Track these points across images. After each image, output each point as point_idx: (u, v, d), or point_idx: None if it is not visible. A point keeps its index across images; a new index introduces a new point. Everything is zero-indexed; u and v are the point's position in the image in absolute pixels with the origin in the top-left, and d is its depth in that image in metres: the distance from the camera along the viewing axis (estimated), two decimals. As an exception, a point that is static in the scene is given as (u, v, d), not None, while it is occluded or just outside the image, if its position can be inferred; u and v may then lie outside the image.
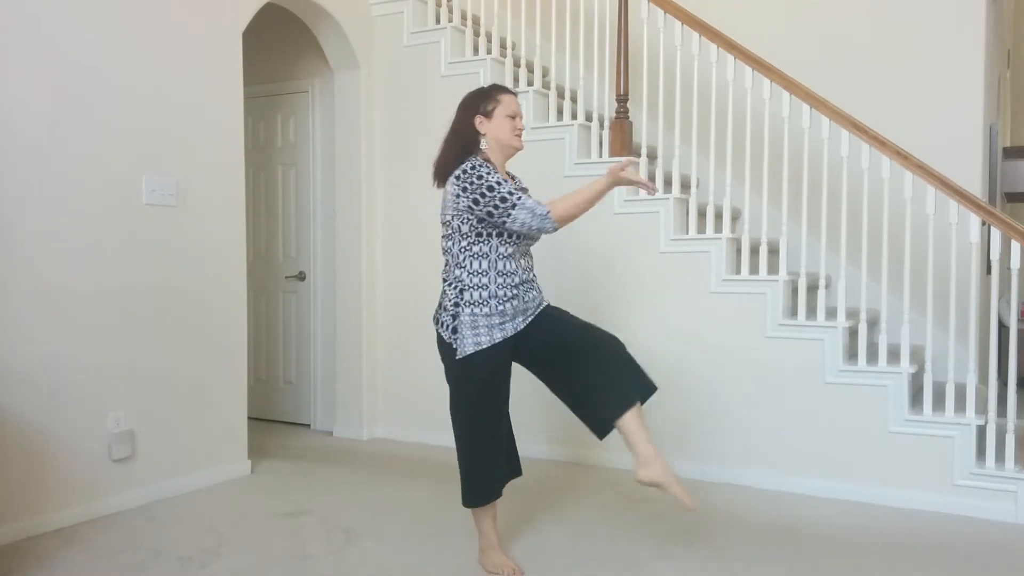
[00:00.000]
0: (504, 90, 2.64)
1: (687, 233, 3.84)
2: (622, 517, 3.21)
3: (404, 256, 4.58)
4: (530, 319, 2.63)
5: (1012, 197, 6.60)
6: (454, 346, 2.55)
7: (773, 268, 4.15)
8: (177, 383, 3.52)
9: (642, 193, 3.72)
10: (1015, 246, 3.17)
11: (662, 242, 3.84)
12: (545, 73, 4.81)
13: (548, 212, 2.48)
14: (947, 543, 2.95)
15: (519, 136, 2.63)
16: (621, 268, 3.94)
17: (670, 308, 3.83)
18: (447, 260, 2.61)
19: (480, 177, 2.47)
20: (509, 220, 2.47)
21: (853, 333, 3.69)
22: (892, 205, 4.12)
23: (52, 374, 3.05)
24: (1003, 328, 5.63)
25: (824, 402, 3.51)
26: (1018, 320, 3.63)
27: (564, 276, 4.09)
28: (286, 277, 5.02)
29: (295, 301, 5.00)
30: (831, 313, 3.73)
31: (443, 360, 2.63)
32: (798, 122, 4.29)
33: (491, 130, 2.59)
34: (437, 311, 2.63)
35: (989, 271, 4.63)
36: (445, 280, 2.62)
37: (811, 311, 3.93)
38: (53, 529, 3.04)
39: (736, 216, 4.51)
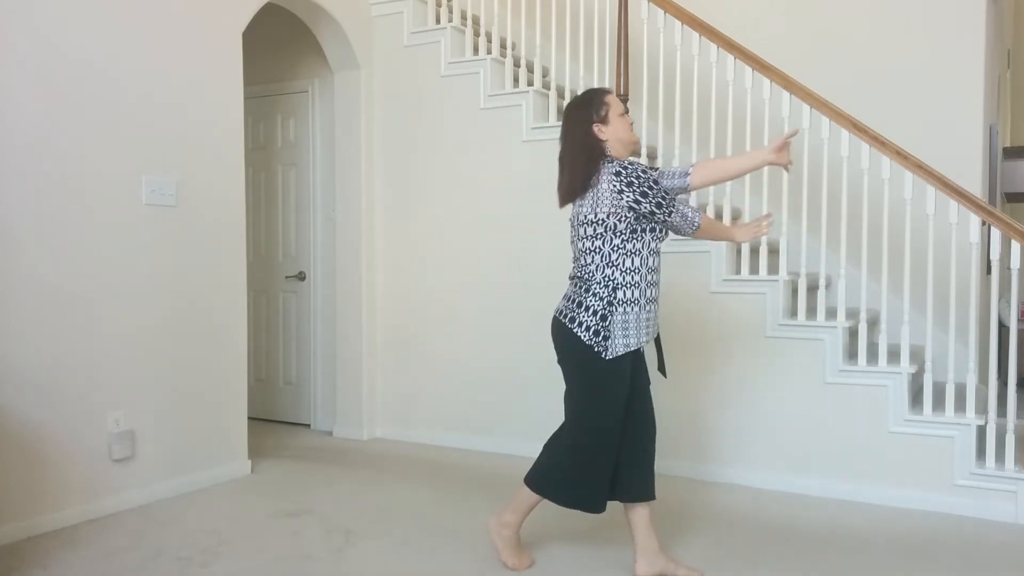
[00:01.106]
0: (606, 91, 2.64)
1: (687, 233, 3.83)
2: (622, 518, 3.21)
3: (404, 256, 4.57)
4: (653, 338, 2.65)
5: (1012, 197, 6.59)
6: (596, 348, 2.49)
7: (773, 268, 4.15)
8: (177, 383, 3.52)
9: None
10: (1015, 246, 3.17)
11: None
12: (545, 73, 4.81)
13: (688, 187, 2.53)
14: (947, 543, 2.95)
15: (632, 130, 2.65)
16: (621, 268, 3.94)
17: (670, 308, 3.83)
18: (591, 260, 2.53)
19: (644, 172, 2.48)
20: (674, 211, 2.52)
21: (853, 333, 3.69)
22: (892, 205, 4.11)
23: (52, 374, 3.05)
24: (1003, 328, 5.63)
25: (824, 402, 3.51)
26: (1018, 320, 3.63)
27: (562, 277, 4.09)
28: (286, 277, 5.02)
29: (295, 301, 5.00)
30: (831, 313, 3.73)
31: (575, 362, 2.55)
32: (798, 122, 4.28)
33: (612, 133, 2.58)
34: (571, 310, 2.54)
35: (989, 271, 4.63)
36: (591, 279, 2.53)
37: (811, 311, 3.93)
38: (53, 529, 3.04)
39: (736, 216, 4.50)
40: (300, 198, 4.96)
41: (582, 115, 2.59)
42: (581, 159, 2.56)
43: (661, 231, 2.56)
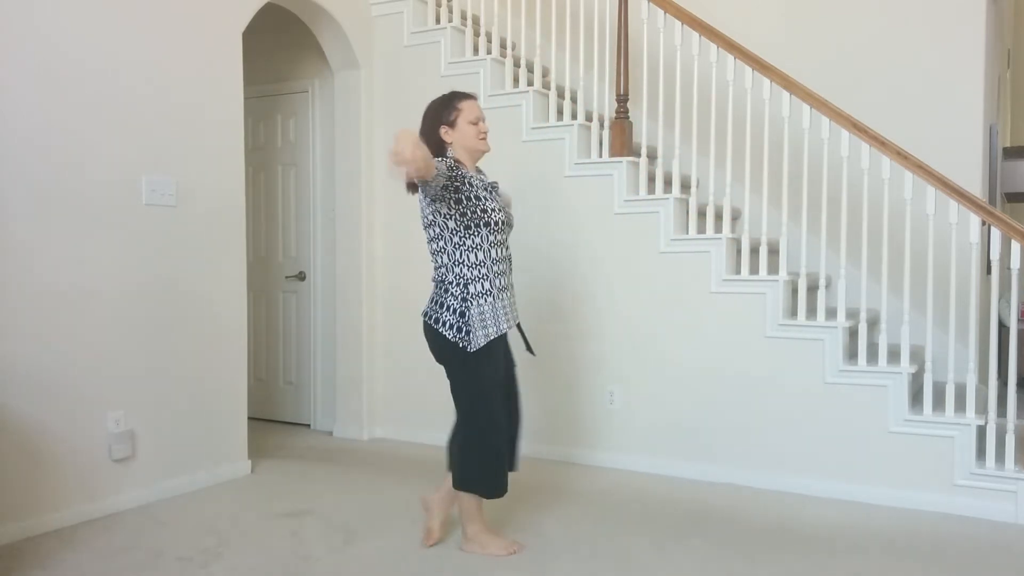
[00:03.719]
0: (464, 96, 2.73)
1: (687, 233, 3.84)
2: (621, 516, 3.21)
3: (404, 256, 4.57)
4: (514, 326, 2.78)
5: (1012, 197, 6.59)
6: (461, 344, 2.63)
7: (773, 268, 4.15)
8: (177, 383, 3.52)
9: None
10: (1015, 246, 3.17)
11: (662, 242, 3.84)
12: (545, 73, 4.81)
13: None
14: (947, 543, 2.95)
15: (484, 139, 2.74)
16: (621, 268, 3.94)
17: (670, 308, 3.83)
18: (441, 261, 2.69)
19: (449, 169, 2.58)
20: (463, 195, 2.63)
21: (853, 333, 3.69)
22: (892, 205, 4.12)
23: (52, 374, 3.05)
24: (1003, 328, 5.63)
25: (824, 402, 3.51)
26: (1018, 320, 3.63)
27: (562, 277, 4.09)
28: (286, 277, 5.02)
29: (295, 301, 5.00)
30: (831, 313, 3.73)
31: (448, 360, 2.69)
32: (798, 122, 4.29)
33: (457, 138, 2.71)
34: (435, 312, 2.69)
35: (989, 271, 4.63)
36: (445, 280, 2.69)
37: (811, 311, 3.93)
38: (53, 529, 3.04)
39: (736, 216, 4.51)
40: (300, 198, 4.96)
41: (434, 115, 2.72)
42: None
43: (499, 224, 2.68)
